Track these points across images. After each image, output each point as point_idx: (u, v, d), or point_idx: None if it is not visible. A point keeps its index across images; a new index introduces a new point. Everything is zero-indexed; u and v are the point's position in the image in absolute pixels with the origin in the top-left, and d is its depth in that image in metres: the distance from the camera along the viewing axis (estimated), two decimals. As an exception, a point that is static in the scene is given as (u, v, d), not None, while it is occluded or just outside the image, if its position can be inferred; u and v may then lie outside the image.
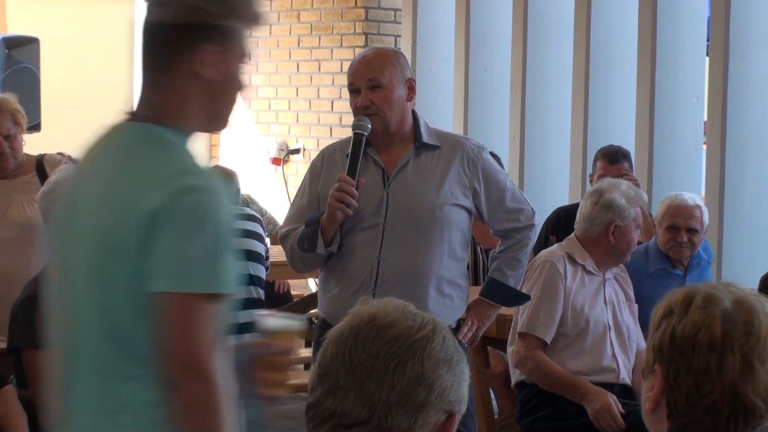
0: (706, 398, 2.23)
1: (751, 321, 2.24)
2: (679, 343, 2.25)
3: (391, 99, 4.68)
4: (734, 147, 7.67)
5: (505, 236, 4.92)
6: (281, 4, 10.54)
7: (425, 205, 4.71)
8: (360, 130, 4.62)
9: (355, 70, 4.75)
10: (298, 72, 10.46)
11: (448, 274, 4.79)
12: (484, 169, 4.82)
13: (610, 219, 5.49)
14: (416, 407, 1.97)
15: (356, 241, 4.71)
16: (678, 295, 2.30)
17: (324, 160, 4.89)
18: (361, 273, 4.70)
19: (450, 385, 2.00)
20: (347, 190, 4.55)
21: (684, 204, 6.29)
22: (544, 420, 5.51)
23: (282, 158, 10.56)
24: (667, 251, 6.30)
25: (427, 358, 1.98)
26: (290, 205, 5.00)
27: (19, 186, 5.72)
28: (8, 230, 5.63)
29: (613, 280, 5.64)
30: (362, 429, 1.97)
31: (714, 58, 7.74)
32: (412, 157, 4.76)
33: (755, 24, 7.66)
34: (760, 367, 2.23)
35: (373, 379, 1.97)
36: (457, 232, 4.80)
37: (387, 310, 2.05)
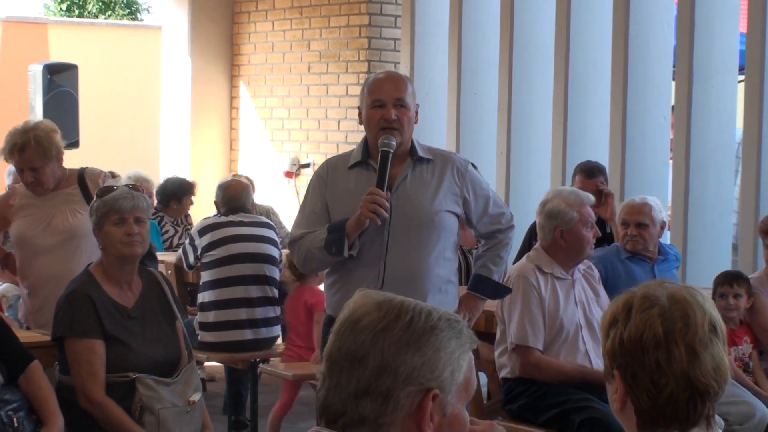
0: (664, 390, 2.25)
1: (687, 313, 2.25)
2: (628, 347, 2.26)
3: (410, 118, 4.75)
4: (697, 162, 7.67)
5: (489, 237, 4.99)
6: (293, 35, 10.55)
7: (424, 213, 4.75)
8: (387, 147, 4.65)
9: (385, 88, 4.76)
10: (308, 95, 10.46)
11: (444, 273, 4.86)
12: (471, 181, 4.88)
13: (555, 225, 5.49)
14: (384, 394, 1.94)
15: (365, 245, 4.72)
16: (618, 302, 2.32)
17: (328, 171, 4.91)
18: (369, 274, 4.72)
19: (419, 365, 1.96)
20: (380, 202, 4.58)
21: (633, 203, 6.44)
22: (522, 408, 5.52)
23: (294, 172, 10.55)
24: (624, 245, 6.35)
25: (388, 348, 1.95)
26: (299, 212, 4.97)
27: (62, 198, 5.72)
28: (53, 237, 5.63)
29: (581, 278, 5.63)
30: (342, 420, 1.96)
31: (679, 82, 7.74)
32: (410, 170, 4.79)
33: (716, 53, 7.67)
34: (703, 351, 2.24)
35: (343, 375, 1.96)
36: (449, 236, 4.86)
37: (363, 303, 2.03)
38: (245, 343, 6.97)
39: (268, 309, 7.04)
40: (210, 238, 7.01)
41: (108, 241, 4.52)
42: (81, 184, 5.72)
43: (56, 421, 4.19)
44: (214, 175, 10.95)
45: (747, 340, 6.00)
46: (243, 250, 7.01)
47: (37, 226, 5.66)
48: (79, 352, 4.38)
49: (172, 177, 9.23)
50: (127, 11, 21.79)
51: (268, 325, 7.05)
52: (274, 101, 10.82)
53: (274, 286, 7.09)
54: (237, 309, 6.94)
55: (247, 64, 11.12)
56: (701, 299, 2.30)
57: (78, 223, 5.57)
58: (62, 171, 5.74)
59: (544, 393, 5.45)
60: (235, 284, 6.96)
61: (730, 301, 5.91)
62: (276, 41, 10.75)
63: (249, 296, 6.96)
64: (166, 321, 4.60)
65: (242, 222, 7.12)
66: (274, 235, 7.23)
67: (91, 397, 4.34)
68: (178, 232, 8.70)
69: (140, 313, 4.53)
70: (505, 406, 5.64)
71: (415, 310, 2.01)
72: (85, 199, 5.66)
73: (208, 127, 11.24)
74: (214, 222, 7.18)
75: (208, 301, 6.98)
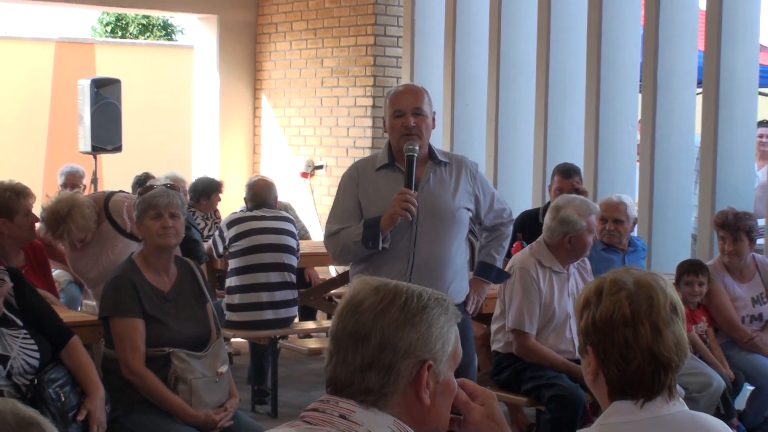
0: (632, 364, 2.24)
1: (651, 296, 2.26)
2: (600, 326, 2.26)
3: (428, 125, 4.76)
4: (661, 163, 7.68)
5: (493, 230, 5.01)
6: (308, 54, 10.55)
7: (447, 209, 4.77)
8: (411, 152, 4.65)
9: (404, 100, 4.78)
10: (321, 105, 10.46)
11: (461, 261, 4.88)
12: (481, 181, 4.92)
13: (565, 231, 5.48)
14: (386, 367, 1.94)
15: (394, 239, 4.72)
16: (590, 287, 2.32)
17: (358, 172, 4.90)
18: (400, 263, 4.72)
19: (415, 340, 1.95)
20: (411, 200, 4.59)
21: (610, 201, 6.42)
22: (507, 379, 5.56)
23: (309, 172, 10.55)
24: (602, 238, 6.33)
25: (387, 327, 1.94)
26: (332, 209, 4.94)
27: (101, 240, 5.69)
28: (99, 272, 5.63)
29: (576, 273, 5.63)
30: (349, 390, 1.96)
31: (645, 94, 7.74)
32: (432, 172, 4.79)
33: (677, 69, 7.67)
34: (666, 329, 2.25)
35: (349, 352, 1.95)
36: (464, 229, 4.89)
37: (362, 288, 2.01)
38: (266, 322, 6.97)
39: (287, 292, 7.04)
40: (236, 230, 7.02)
41: (147, 233, 4.53)
42: (109, 218, 5.72)
43: (98, 391, 4.18)
44: (239, 176, 10.97)
45: (704, 320, 6.00)
46: (264, 241, 7.01)
47: (87, 264, 5.74)
48: (122, 330, 4.39)
49: (202, 177, 9.22)
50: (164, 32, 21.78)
51: (286, 307, 7.06)
52: (291, 111, 10.83)
53: (291, 273, 7.09)
54: (259, 292, 6.95)
55: (268, 79, 11.12)
56: (663, 283, 2.30)
57: (117, 257, 5.55)
58: (95, 207, 5.68)
59: (524, 368, 5.48)
60: (257, 271, 6.97)
61: (695, 289, 5.92)
62: (293, 59, 10.76)
63: (269, 281, 6.97)
64: (198, 303, 4.60)
65: (264, 216, 7.13)
66: (292, 228, 7.22)
67: (132, 368, 4.34)
68: (208, 225, 8.70)
69: (175, 296, 4.53)
70: (493, 377, 5.65)
71: (408, 292, 1.99)
72: (116, 231, 5.67)
73: (234, 133, 11.25)
74: (240, 216, 7.20)
75: (234, 285, 6.99)
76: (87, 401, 4.13)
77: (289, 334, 7.26)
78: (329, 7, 10.30)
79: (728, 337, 6.06)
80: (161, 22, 21.64)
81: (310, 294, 7.97)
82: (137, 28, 21.80)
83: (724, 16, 7.24)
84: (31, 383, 4.03)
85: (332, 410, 1.95)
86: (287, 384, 7.59)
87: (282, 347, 7.30)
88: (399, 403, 1.96)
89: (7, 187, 5.18)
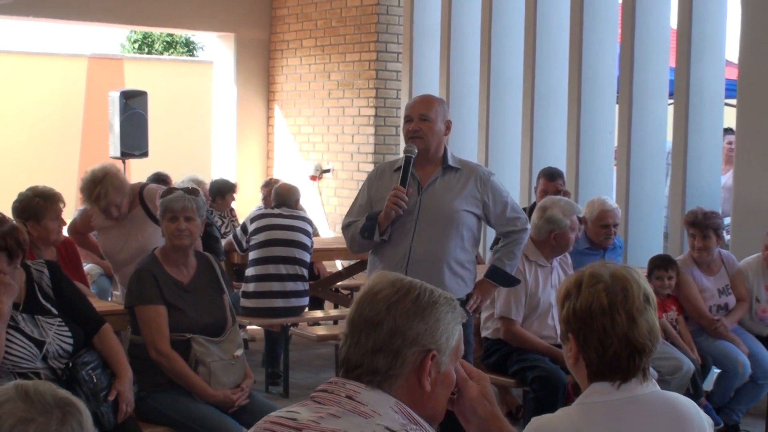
0: (609, 349, 2.24)
1: (626, 287, 2.26)
2: (580, 315, 2.26)
3: (433, 129, 4.73)
4: (636, 168, 7.68)
5: (506, 236, 4.92)
6: (317, 68, 10.55)
7: (446, 210, 4.72)
8: (409, 153, 4.66)
9: (413, 107, 4.80)
10: (328, 115, 10.46)
11: (459, 260, 4.78)
12: (492, 189, 4.81)
13: (551, 229, 5.49)
14: (394, 352, 1.95)
15: (395, 234, 4.72)
16: (571, 280, 2.32)
17: (377, 173, 4.92)
18: (399, 254, 4.71)
19: (423, 330, 1.97)
20: (400, 196, 4.60)
21: (611, 209, 6.35)
22: (496, 362, 5.57)
23: (317, 176, 10.55)
24: (600, 241, 6.31)
25: (399, 316, 1.95)
26: (351, 204, 4.97)
27: (132, 222, 5.68)
28: (129, 253, 5.63)
29: (558, 267, 5.63)
30: (359, 371, 1.97)
31: (622, 104, 7.74)
32: (440, 176, 4.77)
33: (651, 82, 7.68)
34: (640, 317, 2.25)
35: (362, 336, 1.97)
36: (467, 231, 4.79)
37: (380, 281, 2.03)
38: (277, 309, 6.98)
39: (298, 284, 7.05)
40: (256, 225, 7.09)
41: (165, 232, 4.56)
42: (143, 204, 5.71)
43: (126, 373, 4.18)
44: (254, 178, 10.99)
45: (674, 309, 6.00)
46: (278, 236, 7.03)
47: (117, 245, 5.71)
48: (147, 316, 4.39)
49: (218, 179, 9.23)
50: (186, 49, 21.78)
51: (296, 297, 7.06)
52: (301, 120, 10.83)
53: (303, 266, 7.10)
54: (270, 282, 6.97)
55: (280, 91, 11.12)
56: (636, 276, 2.30)
57: (145, 241, 5.57)
58: (130, 194, 5.69)
59: (511, 352, 5.48)
60: (270, 263, 6.99)
61: (665, 282, 5.92)
62: (303, 73, 10.76)
63: (279, 273, 6.98)
64: (216, 294, 4.60)
65: (281, 214, 7.17)
66: (308, 227, 7.24)
67: (159, 349, 4.35)
68: (224, 223, 8.71)
69: (194, 287, 4.53)
70: (483, 360, 5.66)
71: (421, 288, 2.02)
72: (147, 216, 5.67)
73: (250, 140, 11.25)
74: (262, 213, 7.28)
75: (251, 274, 7.02)
76: (117, 382, 4.13)
77: (300, 322, 7.25)
78: (335, 26, 10.31)
79: (697, 325, 6.05)
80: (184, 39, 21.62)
81: (318, 286, 7.97)
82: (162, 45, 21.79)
83: (694, 34, 7.25)
84: (66, 366, 4.03)
85: (339, 391, 1.96)
86: (298, 367, 7.60)
87: (293, 334, 7.31)
88: (402, 386, 1.97)
89: (37, 193, 5.17)
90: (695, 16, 7.25)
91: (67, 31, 13.24)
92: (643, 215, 7.68)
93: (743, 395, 5.97)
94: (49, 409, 1.72)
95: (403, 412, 1.94)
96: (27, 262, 4.12)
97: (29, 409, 1.70)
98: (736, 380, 5.89)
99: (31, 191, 5.19)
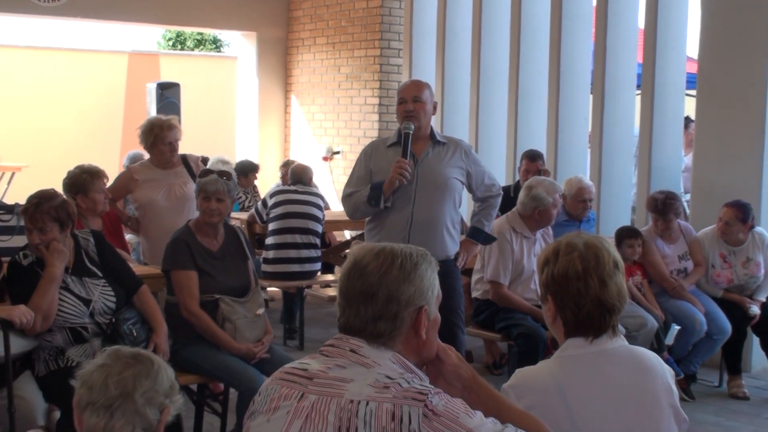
0: (583, 309, 2.24)
1: (597, 255, 2.25)
2: (558, 280, 2.25)
3: (425, 109, 4.73)
4: (607, 151, 7.67)
5: (483, 200, 4.96)
6: (328, 62, 10.51)
7: (440, 178, 4.73)
8: (407, 129, 4.67)
9: (406, 90, 4.79)
10: (338, 104, 10.43)
11: (451, 222, 4.81)
12: (473, 160, 4.87)
13: (535, 205, 5.48)
14: (392, 315, 1.94)
15: (396, 201, 4.71)
16: (549, 248, 2.32)
17: (372, 149, 4.91)
18: (401, 221, 4.70)
19: (413, 292, 1.95)
20: (404, 167, 4.60)
21: (587, 186, 6.44)
22: (485, 320, 5.57)
23: (329, 157, 10.53)
24: (578, 214, 6.34)
25: (391, 284, 1.93)
26: (349, 177, 4.93)
27: (174, 174, 5.75)
28: (169, 200, 5.67)
29: (540, 238, 5.62)
30: (361, 334, 1.95)
31: (595, 95, 7.72)
32: (431, 149, 4.77)
33: (621, 75, 7.65)
34: (610, 281, 2.24)
35: (361, 306, 1.94)
36: (456, 196, 4.83)
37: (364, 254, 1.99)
38: (293, 273, 6.98)
39: (311, 251, 7.06)
40: (275, 200, 7.10)
41: (199, 208, 4.54)
42: (185, 164, 5.77)
43: (162, 328, 4.19)
44: (274, 159, 10.98)
45: (638, 273, 6.00)
46: (294, 210, 7.03)
47: (159, 191, 5.70)
48: (180, 279, 4.38)
49: (243, 160, 9.25)
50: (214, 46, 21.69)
51: (310, 262, 7.06)
52: (314, 108, 10.79)
53: (315, 236, 7.10)
54: (287, 250, 6.98)
55: (296, 83, 11.08)
56: (607, 245, 2.29)
57: (188, 192, 5.63)
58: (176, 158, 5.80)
59: (498, 311, 5.47)
60: (286, 233, 6.99)
61: (636, 249, 5.92)
62: (316, 66, 10.72)
63: (295, 241, 6.99)
64: (241, 260, 4.59)
65: (296, 191, 7.16)
66: (320, 202, 7.24)
67: (190, 309, 4.34)
68: (248, 198, 8.73)
69: (222, 255, 4.52)
70: (473, 318, 5.66)
71: (402, 254, 1.98)
72: (189, 174, 5.70)
73: (269, 125, 11.22)
74: (280, 189, 7.28)
75: (270, 243, 7.03)
76: (154, 336, 4.14)
77: (313, 284, 7.26)
78: (345, 26, 10.27)
79: (659, 287, 6.05)
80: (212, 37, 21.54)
81: (329, 252, 7.97)
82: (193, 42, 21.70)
83: (659, 33, 7.23)
84: (110, 321, 4.04)
85: (344, 345, 1.95)
86: (311, 323, 7.61)
87: (307, 295, 7.32)
88: (402, 341, 1.96)
89: (84, 170, 5.19)
90: (660, 17, 7.22)
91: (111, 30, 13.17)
92: (613, 192, 7.66)
93: (700, 349, 5.97)
94: (128, 362, 2.00)
95: (399, 363, 1.93)
96: (75, 231, 4.13)
97: (128, 362, 1.99)
98: (693, 336, 5.90)
99: (78, 169, 5.20)
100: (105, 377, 1.94)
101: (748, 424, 5.41)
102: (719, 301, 6.07)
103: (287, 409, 1.89)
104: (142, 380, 1.96)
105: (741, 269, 6.07)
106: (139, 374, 1.96)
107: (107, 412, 1.92)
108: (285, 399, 1.91)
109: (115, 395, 1.93)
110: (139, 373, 1.97)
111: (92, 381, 1.95)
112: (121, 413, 1.93)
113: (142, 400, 1.94)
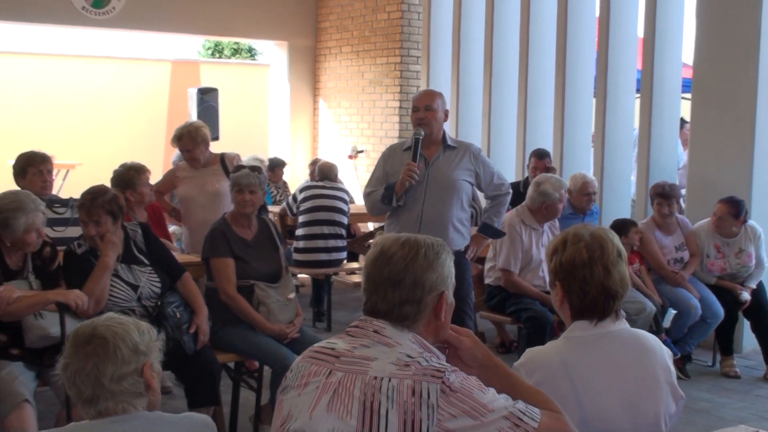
0: (588, 295, 2.22)
1: (602, 245, 2.24)
2: (566, 267, 2.24)
3: (436, 117, 4.73)
4: (609, 149, 7.63)
5: (493, 198, 4.94)
6: (353, 69, 10.51)
7: (449, 180, 4.73)
8: (418, 135, 4.68)
9: (420, 98, 4.79)
10: (362, 107, 10.43)
11: (460, 219, 4.80)
12: (482, 162, 4.85)
13: (543, 200, 5.45)
14: (417, 300, 1.93)
15: (409, 200, 4.72)
16: (558, 238, 2.30)
17: (390, 152, 4.92)
18: (412, 217, 4.72)
19: (435, 278, 1.93)
20: (413, 170, 4.61)
21: (591, 180, 6.39)
22: (496, 304, 5.55)
23: (353, 155, 10.54)
24: (582, 206, 6.30)
25: (417, 271, 1.92)
26: (370, 177, 4.96)
27: (210, 172, 5.75)
28: (205, 196, 5.67)
29: (548, 230, 5.59)
30: (386, 316, 1.94)
31: (598, 98, 7.68)
32: (442, 153, 4.77)
33: (621, 79, 7.61)
34: (613, 269, 2.23)
35: (388, 292, 1.93)
36: (465, 195, 4.81)
37: (391, 244, 1.98)
38: (321, 262, 6.99)
39: (338, 241, 7.06)
40: (304, 195, 7.11)
41: (234, 200, 4.55)
42: (222, 163, 5.76)
43: (203, 311, 4.21)
44: (304, 157, 11.00)
45: (637, 261, 5.98)
46: (322, 204, 7.03)
47: (195, 188, 5.70)
48: (219, 266, 4.40)
49: (272, 157, 9.28)
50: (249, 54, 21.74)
51: (337, 252, 7.07)
52: (341, 111, 10.80)
53: (341, 227, 7.11)
54: (315, 240, 6.98)
55: (324, 88, 11.09)
56: (611, 235, 2.28)
57: (220, 188, 5.62)
58: (210, 153, 5.77)
59: (509, 296, 5.45)
60: (315, 225, 6.99)
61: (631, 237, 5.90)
62: (342, 73, 10.72)
63: (323, 233, 6.99)
64: (273, 249, 4.60)
65: (324, 186, 7.17)
66: (345, 196, 7.25)
67: (228, 293, 4.36)
68: (279, 192, 8.76)
69: (256, 244, 4.53)
70: (486, 302, 5.64)
71: (425, 244, 1.97)
72: (224, 172, 5.69)
73: (300, 126, 11.24)
74: (309, 185, 7.30)
75: (300, 234, 7.04)
76: (195, 318, 4.16)
77: (340, 272, 7.27)
78: (368, 36, 10.27)
79: (657, 275, 6.02)
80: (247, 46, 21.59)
81: (354, 243, 7.98)
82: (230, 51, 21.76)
83: (657, 42, 7.19)
84: (156, 305, 4.06)
85: (368, 327, 1.94)
86: (338, 307, 7.62)
87: (334, 281, 7.33)
88: (423, 324, 1.96)
89: (130, 167, 5.22)
90: (658, 27, 7.18)
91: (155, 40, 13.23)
92: (614, 187, 7.62)
93: (695, 331, 5.94)
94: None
95: (419, 343, 1.92)
96: (124, 223, 4.15)
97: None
98: (689, 319, 5.86)
99: (123, 167, 5.23)
100: (73, 378, 1.95)
101: (738, 401, 5.38)
102: (712, 287, 6.03)
103: (316, 385, 1.89)
104: (105, 366, 1.93)
105: (734, 259, 6.02)
106: (99, 362, 1.93)
107: (92, 406, 1.96)
108: (314, 375, 1.91)
109: (89, 392, 1.94)
110: (100, 360, 1.93)
111: (67, 383, 1.96)
112: (103, 400, 1.95)
113: (113, 383, 1.93)
